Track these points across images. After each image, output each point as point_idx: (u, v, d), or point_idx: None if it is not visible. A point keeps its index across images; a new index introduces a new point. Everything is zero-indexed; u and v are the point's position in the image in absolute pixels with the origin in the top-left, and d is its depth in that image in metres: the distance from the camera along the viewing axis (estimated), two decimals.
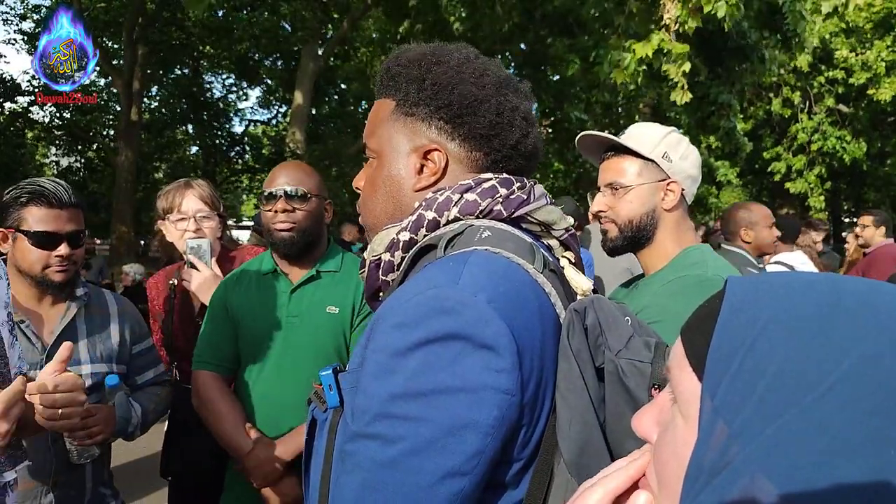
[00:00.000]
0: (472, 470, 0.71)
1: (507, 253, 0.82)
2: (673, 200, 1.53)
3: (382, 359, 0.75)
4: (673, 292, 1.39)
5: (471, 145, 0.94)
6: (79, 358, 1.77)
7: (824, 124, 15.49)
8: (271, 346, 1.89)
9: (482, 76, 0.94)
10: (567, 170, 16.56)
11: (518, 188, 0.93)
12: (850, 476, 0.36)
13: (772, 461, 0.38)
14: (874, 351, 0.39)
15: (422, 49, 0.98)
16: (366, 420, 0.75)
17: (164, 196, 2.29)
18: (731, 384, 0.42)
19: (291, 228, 1.88)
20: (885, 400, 0.38)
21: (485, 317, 0.72)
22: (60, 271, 1.72)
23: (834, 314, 0.41)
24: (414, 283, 0.79)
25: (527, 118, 0.97)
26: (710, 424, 0.43)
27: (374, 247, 0.96)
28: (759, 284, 0.46)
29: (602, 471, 0.61)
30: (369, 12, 12.82)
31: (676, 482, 0.45)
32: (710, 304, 0.49)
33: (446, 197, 0.90)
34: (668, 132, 1.56)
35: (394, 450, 0.72)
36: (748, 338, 0.43)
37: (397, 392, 0.72)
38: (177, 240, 2.25)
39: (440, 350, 0.72)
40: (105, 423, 1.68)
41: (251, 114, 31.09)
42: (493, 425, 0.71)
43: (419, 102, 0.94)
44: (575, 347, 0.78)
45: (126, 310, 1.95)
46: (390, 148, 0.97)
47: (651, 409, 0.55)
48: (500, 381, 0.72)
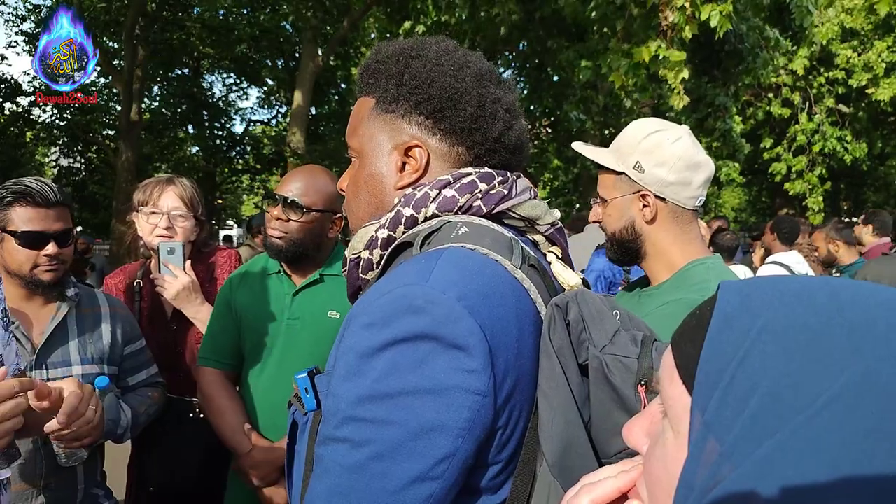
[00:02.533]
0: (442, 474, 0.69)
1: (483, 249, 0.80)
2: (651, 212, 1.44)
3: (351, 360, 0.73)
4: (666, 315, 1.30)
5: (453, 140, 0.92)
6: (69, 359, 1.76)
7: (825, 125, 15.47)
8: (272, 347, 1.88)
9: (462, 68, 0.91)
10: (567, 168, 16.57)
11: (499, 182, 0.91)
12: (846, 498, 0.35)
13: (764, 481, 0.37)
14: (871, 366, 0.37)
15: (400, 44, 0.96)
16: (334, 423, 0.73)
17: (142, 188, 2.19)
18: (723, 399, 0.40)
19: (282, 238, 1.85)
20: (882, 419, 0.36)
21: (454, 315, 0.70)
22: (49, 270, 1.70)
23: (830, 325, 0.39)
24: (385, 281, 0.77)
25: (510, 110, 0.94)
26: (700, 441, 0.41)
27: (354, 244, 0.95)
28: (752, 291, 0.44)
29: (586, 476, 0.59)
30: (369, 12, 12.80)
31: (667, 498, 0.44)
32: (702, 313, 0.47)
33: (424, 193, 0.88)
34: (645, 136, 1.43)
35: (360, 454, 0.70)
36: (740, 350, 0.41)
37: (364, 394, 0.71)
38: (146, 234, 2.15)
39: (408, 350, 0.70)
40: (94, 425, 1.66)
41: (251, 114, 31.08)
42: (464, 427, 0.69)
43: (398, 98, 0.92)
44: (556, 344, 0.76)
45: (118, 310, 1.93)
46: (371, 146, 0.95)
47: (642, 419, 0.54)
48: (471, 381, 0.70)
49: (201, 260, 2.23)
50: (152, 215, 2.13)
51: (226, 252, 2.35)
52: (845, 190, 21.44)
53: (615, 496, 0.55)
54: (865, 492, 0.34)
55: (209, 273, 2.23)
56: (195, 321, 2.08)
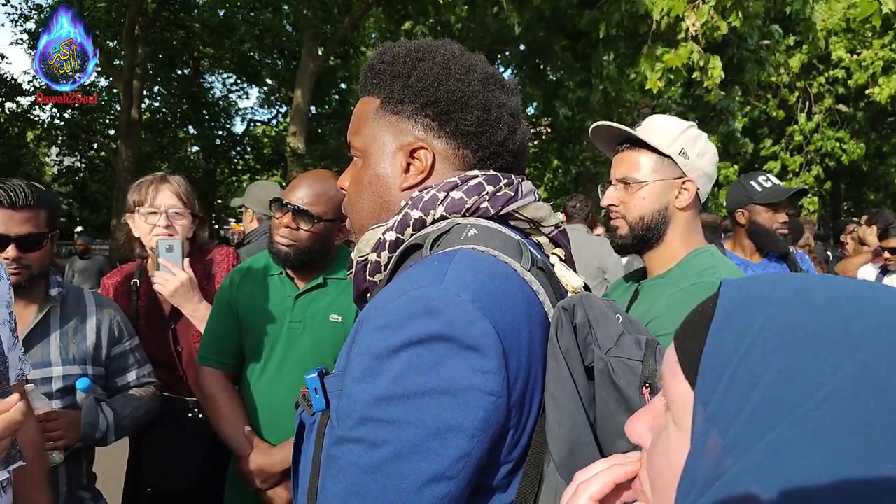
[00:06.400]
0: (458, 474, 0.70)
1: (493, 251, 0.81)
2: (687, 199, 1.47)
3: (366, 361, 0.73)
4: (684, 301, 1.32)
5: (458, 143, 0.92)
6: (49, 359, 1.73)
7: (823, 125, 15.46)
8: (273, 350, 1.87)
9: (469, 72, 0.92)
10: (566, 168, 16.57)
11: (505, 185, 0.91)
12: (846, 490, 0.35)
13: (766, 474, 0.38)
14: (869, 360, 0.38)
15: (406, 45, 0.96)
16: (349, 424, 0.73)
17: (136, 188, 2.13)
18: (725, 393, 0.41)
19: (290, 246, 1.83)
20: (880, 411, 0.37)
21: (469, 317, 0.71)
22: (12, 274, 1.61)
23: (828, 321, 0.40)
24: (398, 283, 0.78)
25: (514, 114, 0.95)
26: (703, 435, 0.42)
27: (360, 247, 0.95)
28: (754, 288, 0.45)
29: (579, 474, 0.60)
30: (370, 12, 12.81)
31: (670, 492, 0.45)
32: (704, 309, 0.48)
33: (432, 195, 0.88)
34: (687, 127, 1.49)
35: (377, 454, 0.70)
36: (742, 345, 0.42)
37: (380, 395, 0.71)
38: (145, 234, 2.10)
39: (424, 352, 0.71)
40: (67, 429, 1.64)
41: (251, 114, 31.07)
42: (479, 428, 0.70)
43: (404, 100, 0.91)
44: (563, 346, 0.77)
45: (106, 310, 1.89)
46: (376, 147, 0.94)
47: (645, 414, 0.54)
48: (486, 382, 0.70)
49: (199, 258, 2.21)
50: (150, 215, 2.09)
51: (223, 250, 2.32)
52: (845, 190, 21.43)
53: (611, 488, 0.56)
54: (864, 483, 0.35)
55: (207, 271, 2.21)
56: (193, 319, 2.06)
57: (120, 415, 1.79)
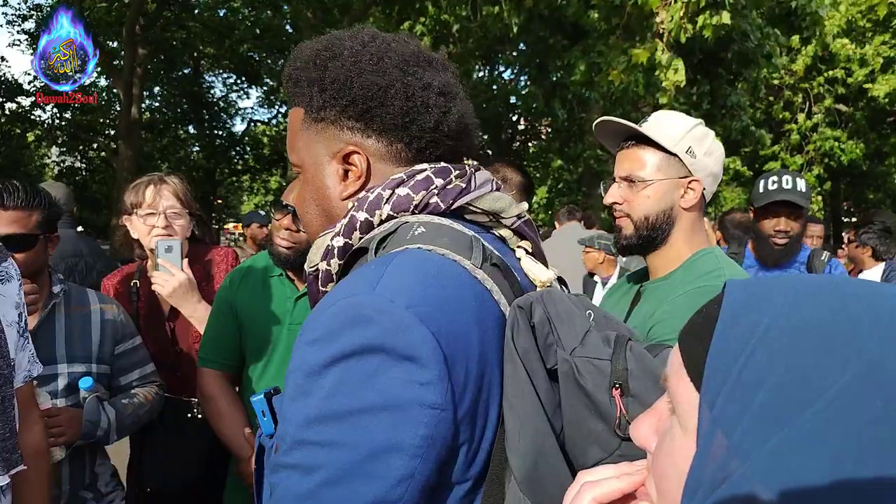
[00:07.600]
0: (402, 497, 0.64)
1: (441, 249, 0.75)
2: (693, 199, 1.43)
3: (298, 379, 0.68)
4: (689, 305, 1.24)
5: (389, 138, 0.85)
6: (55, 357, 1.73)
7: (822, 125, 15.44)
8: (273, 352, 1.87)
9: (381, 60, 0.84)
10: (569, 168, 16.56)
11: (456, 177, 0.85)
12: (853, 491, 0.35)
13: (772, 475, 0.37)
14: (876, 360, 0.38)
15: (315, 45, 0.89)
16: (284, 448, 0.68)
17: (133, 189, 2.12)
18: (731, 394, 0.41)
19: (290, 248, 1.83)
20: (887, 411, 0.36)
21: (404, 324, 0.66)
22: None
23: (835, 321, 0.40)
24: (332, 293, 0.73)
25: (444, 93, 0.87)
26: (708, 436, 0.41)
27: (311, 257, 0.89)
28: (758, 288, 0.45)
29: (584, 473, 0.58)
30: (369, 11, 12.81)
31: (676, 494, 0.44)
32: (708, 310, 0.47)
33: (377, 194, 0.83)
34: (695, 125, 1.45)
35: (311, 480, 0.65)
36: (747, 346, 0.41)
37: (312, 415, 0.66)
38: (143, 235, 2.09)
39: (357, 365, 0.65)
40: (68, 426, 1.64)
41: (251, 114, 31.10)
42: (421, 445, 0.64)
43: (324, 105, 0.86)
44: (521, 348, 0.70)
45: (109, 309, 1.89)
46: (310, 159, 0.89)
47: (649, 416, 0.54)
48: (426, 394, 0.65)
49: (198, 258, 2.21)
50: (149, 216, 2.09)
51: (223, 250, 2.31)
52: (845, 190, 21.43)
53: (617, 496, 0.55)
54: (870, 484, 0.35)
55: (206, 272, 2.20)
56: (192, 319, 2.06)
57: (122, 414, 1.80)
